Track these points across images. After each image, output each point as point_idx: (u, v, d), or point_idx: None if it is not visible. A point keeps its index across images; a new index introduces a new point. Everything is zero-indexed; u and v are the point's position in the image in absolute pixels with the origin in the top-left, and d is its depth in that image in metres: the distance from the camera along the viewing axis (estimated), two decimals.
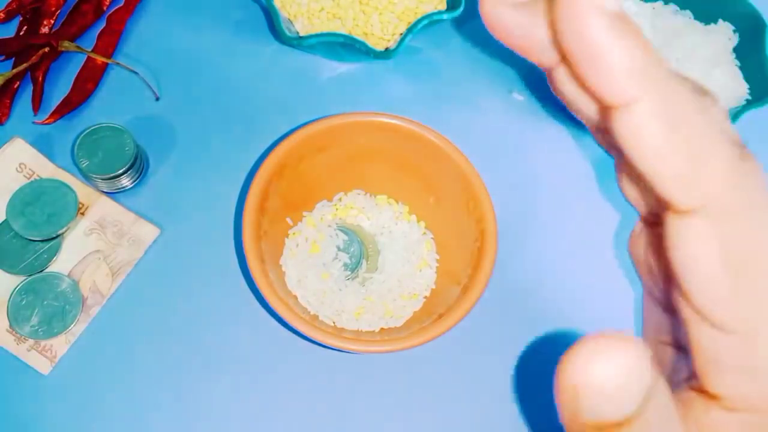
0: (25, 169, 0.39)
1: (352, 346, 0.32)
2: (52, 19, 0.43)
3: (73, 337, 0.37)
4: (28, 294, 0.36)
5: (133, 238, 0.39)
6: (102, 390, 0.36)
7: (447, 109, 0.44)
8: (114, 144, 0.38)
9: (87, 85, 0.41)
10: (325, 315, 0.36)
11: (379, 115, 0.36)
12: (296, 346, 0.38)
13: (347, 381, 0.38)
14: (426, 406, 0.38)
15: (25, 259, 0.37)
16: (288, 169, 0.36)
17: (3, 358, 0.36)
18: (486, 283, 0.34)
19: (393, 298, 0.37)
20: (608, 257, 0.41)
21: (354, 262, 0.38)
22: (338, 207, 0.40)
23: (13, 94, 0.41)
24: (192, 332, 0.38)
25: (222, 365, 0.37)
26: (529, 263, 0.41)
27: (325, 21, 0.42)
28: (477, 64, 0.45)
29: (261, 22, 0.45)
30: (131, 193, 0.40)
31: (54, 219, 0.37)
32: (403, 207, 0.40)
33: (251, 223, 0.33)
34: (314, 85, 0.44)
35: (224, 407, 0.37)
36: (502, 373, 0.38)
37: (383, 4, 0.41)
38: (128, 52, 0.43)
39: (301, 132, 0.35)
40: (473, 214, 0.35)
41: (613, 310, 0.40)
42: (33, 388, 0.36)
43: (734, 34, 0.43)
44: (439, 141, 0.36)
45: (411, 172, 0.38)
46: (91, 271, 0.38)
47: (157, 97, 0.42)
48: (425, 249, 0.39)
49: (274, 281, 0.34)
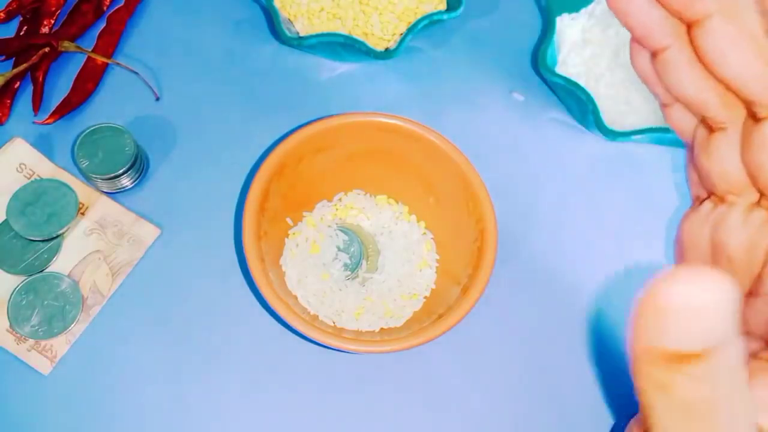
0: (25, 169, 0.39)
1: (352, 346, 0.32)
2: (52, 19, 0.43)
3: (74, 337, 0.37)
4: (29, 294, 0.36)
5: (133, 238, 0.39)
6: (102, 390, 0.36)
7: (447, 109, 0.44)
8: (114, 144, 0.38)
9: (87, 85, 0.41)
10: (325, 315, 0.36)
11: (379, 115, 0.36)
12: (296, 346, 0.38)
13: (347, 381, 0.38)
14: (426, 406, 0.38)
15: (25, 259, 0.37)
16: (288, 169, 0.36)
17: (3, 358, 0.36)
18: (486, 283, 0.34)
19: (393, 298, 0.37)
20: (608, 257, 0.41)
21: (354, 262, 0.38)
22: (338, 207, 0.40)
23: (14, 94, 0.41)
24: (192, 332, 0.38)
25: (222, 365, 0.37)
26: (529, 263, 0.41)
27: (325, 21, 0.42)
28: (477, 64, 0.45)
29: (261, 22, 0.45)
30: (131, 193, 0.40)
31: (54, 219, 0.37)
32: (403, 207, 0.40)
33: (251, 223, 0.34)
34: (314, 85, 0.44)
35: (224, 407, 0.37)
36: (502, 373, 0.39)
37: (383, 4, 0.41)
38: (128, 52, 0.43)
39: (301, 132, 0.35)
40: (473, 214, 0.35)
41: (613, 309, 0.40)
42: (33, 388, 0.36)
43: None
44: (438, 141, 0.36)
45: (411, 172, 0.38)
46: (91, 271, 0.38)
47: (157, 97, 0.42)
48: (425, 249, 0.39)
49: (274, 281, 0.34)
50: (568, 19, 0.44)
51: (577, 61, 0.43)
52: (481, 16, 0.46)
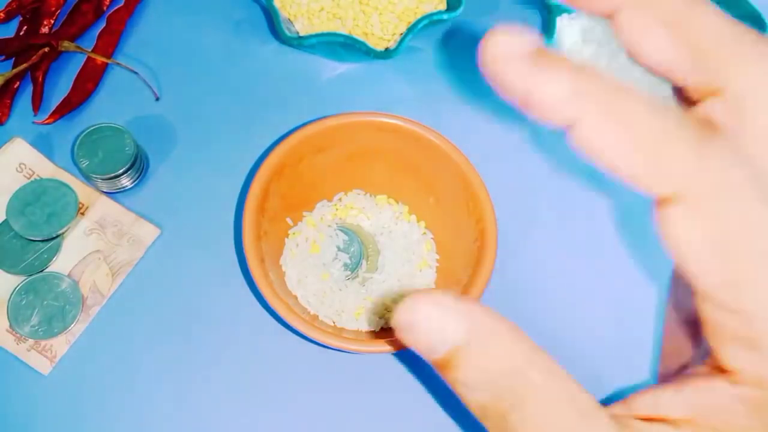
0: (25, 169, 0.39)
1: (352, 346, 0.32)
2: (52, 19, 0.43)
3: (73, 337, 0.37)
4: (28, 294, 0.37)
5: (133, 238, 0.39)
6: (102, 390, 0.36)
7: (447, 109, 0.44)
8: (114, 144, 0.38)
9: (87, 85, 0.42)
10: (325, 315, 0.36)
11: (379, 115, 0.36)
12: (296, 346, 0.38)
13: (347, 381, 0.38)
14: (426, 406, 0.38)
15: (25, 259, 0.37)
16: (288, 169, 0.36)
17: (3, 358, 0.36)
18: (486, 283, 0.34)
19: (393, 298, 0.37)
20: (608, 257, 0.41)
21: (354, 262, 0.38)
22: (338, 207, 0.40)
23: (13, 94, 0.41)
24: (192, 332, 0.38)
25: (222, 365, 0.37)
26: (529, 263, 0.41)
27: (325, 21, 0.42)
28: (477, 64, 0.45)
29: (261, 22, 0.45)
30: (131, 193, 0.40)
31: (54, 219, 0.37)
32: (403, 207, 0.40)
33: (251, 223, 0.34)
34: (314, 85, 0.44)
35: (224, 407, 0.37)
36: None
37: (383, 4, 0.41)
38: (128, 52, 0.43)
39: (301, 132, 0.35)
40: (473, 214, 0.35)
41: (614, 308, 0.40)
42: (33, 388, 0.36)
43: None
44: (438, 141, 0.36)
45: (411, 172, 0.38)
46: (91, 271, 0.38)
47: (157, 97, 0.42)
48: (425, 249, 0.39)
49: (274, 281, 0.34)
50: (568, 19, 0.44)
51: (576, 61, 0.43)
52: (481, 16, 0.46)
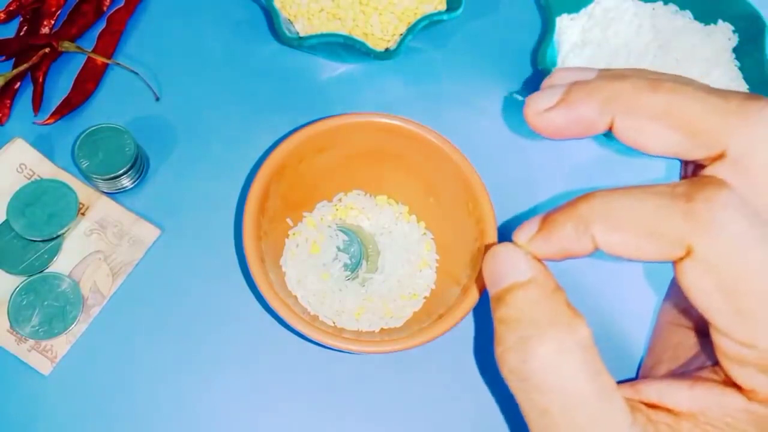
0: (25, 170, 0.39)
1: (352, 346, 0.32)
2: (52, 20, 0.43)
3: (74, 338, 0.37)
4: (29, 294, 0.37)
5: (133, 239, 0.39)
6: (103, 390, 0.36)
7: (447, 110, 0.44)
8: (114, 144, 0.38)
9: (87, 85, 0.42)
10: (325, 315, 0.36)
11: (379, 115, 0.36)
12: (296, 346, 0.38)
13: (347, 381, 0.38)
14: (426, 406, 0.38)
15: (25, 259, 0.37)
16: (288, 169, 0.36)
17: (3, 359, 0.36)
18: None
19: (393, 298, 0.37)
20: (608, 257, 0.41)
21: (354, 262, 0.38)
22: (338, 207, 0.40)
23: (14, 94, 0.41)
24: (192, 332, 0.38)
25: (222, 365, 0.37)
26: None
27: (325, 21, 0.42)
28: (477, 64, 0.45)
29: (261, 22, 0.45)
30: (131, 194, 0.40)
31: (54, 219, 0.37)
32: (403, 207, 0.40)
33: (251, 223, 0.34)
34: (314, 85, 0.44)
35: (224, 407, 0.37)
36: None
37: (383, 4, 0.41)
38: (128, 52, 0.43)
39: (301, 132, 0.35)
40: (473, 214, 0.35)
41: (613, 308, 0.40)
42: (33, 389, 0.36)
43: (734, 34, 0.43)
44: (439, 141, 0.36)
45: (411, 172, 0.38)
46: (91, 271, 0.38)
47: (157, 97, 0.42)
48: (425, 249, 0.39)
49: (274, 281, 0.34)
50: (567, 19, 0.44)
51: (576, 61, 0.43)
52: (481, 16, 0.46)
